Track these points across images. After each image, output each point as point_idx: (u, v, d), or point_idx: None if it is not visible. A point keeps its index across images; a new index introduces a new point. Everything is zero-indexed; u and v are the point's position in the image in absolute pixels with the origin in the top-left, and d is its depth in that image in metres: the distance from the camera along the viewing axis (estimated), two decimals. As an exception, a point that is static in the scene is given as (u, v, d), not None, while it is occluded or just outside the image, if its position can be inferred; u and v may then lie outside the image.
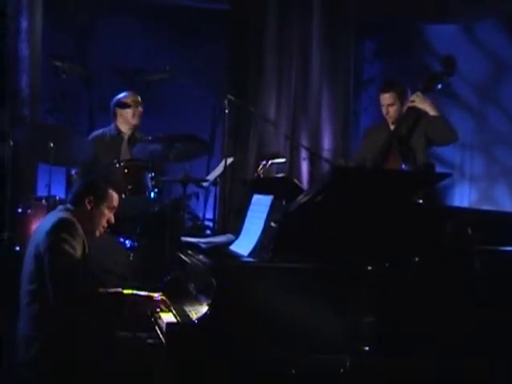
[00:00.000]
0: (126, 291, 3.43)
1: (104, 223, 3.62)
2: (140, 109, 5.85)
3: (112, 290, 3.46)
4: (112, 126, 5.89)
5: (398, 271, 3.20)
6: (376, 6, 7.36)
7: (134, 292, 3.44)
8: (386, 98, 5.23)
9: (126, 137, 5.85)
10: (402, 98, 5.20)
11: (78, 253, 3.36)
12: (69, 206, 3.57)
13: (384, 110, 5.26)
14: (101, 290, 3.43)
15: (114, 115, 5.88)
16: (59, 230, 3.34)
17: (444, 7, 7.40)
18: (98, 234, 3.64)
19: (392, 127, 5.27)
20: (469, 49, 7.62)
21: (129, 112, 5.81)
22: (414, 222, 3.42)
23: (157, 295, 3.43)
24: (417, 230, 3.39)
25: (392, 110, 5.22)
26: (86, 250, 3.48)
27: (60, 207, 3.59)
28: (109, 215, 3.62)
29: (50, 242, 3.31)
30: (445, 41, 7.63)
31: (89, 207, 3.54)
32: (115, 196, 3.64)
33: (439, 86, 5.04)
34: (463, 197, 7.76)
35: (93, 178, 3.73)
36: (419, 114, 5.11)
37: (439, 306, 3.24)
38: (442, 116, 5.09)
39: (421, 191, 3.87)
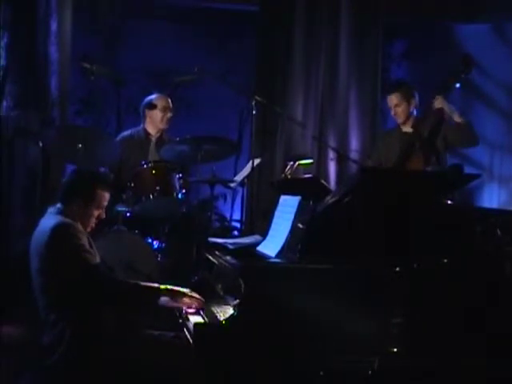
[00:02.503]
0: (162, 286, 3.42)
1: (93, 221, 3.58)
2: (169, 114, 5.84)
3: (148, 284, 3.46)
4: (141, 127, 5.92)
5: (426, 272, 3.18)
6: (404, 7, 7.32)
7: (170, 287, 3.43)
8: (392, 99, 5.31)
9: (153, 139, 5.87)
10: (407, 97, 5.26)
11: (88, 249, 3.36)
12: (59, 206, 3.52)
13: (392, 112, 5.31)
14: (136, 281, 3.44)
15: (144, 116, 5.90)
16: (61, 239, 3.32)
17: (473, 7, 7.34)
18: (89, 229, 3.59)
19: (406, 129, 5.27)
20: (499, 49, 7.54)
21: (158, 115, 5.82)
22: (443, 223, 3.40)
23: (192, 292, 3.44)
24: (445, 231, 3.37)
25: (399, 111, 5.27)
26: (92, 245, 3.49)
27: (51, 210, 3.53)
28: (97, 213, 3.57)
29: (57, 254, 3.29)
30: (474, 41, 7.57)
31: (77, 209, 3.49)
32: (105, 195, 3.58)
33: (457, 85, 5.03)
34: (492, 198, 7.69)
35: (81, 180, 3.61)
36: (439, 115, 5.12)
37: (467, 307, 3.21)
38: (467, 120, 5.09)
39: (450, 192, 3.84)
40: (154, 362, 3.32)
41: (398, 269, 3.11)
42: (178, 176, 5.39)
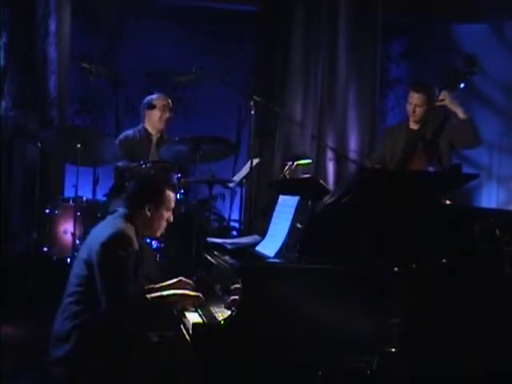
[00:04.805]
0: (165, 292, 3.46)
1: (164, 224, 3.62)
2: (167, 114, 5.83)
3: (153, 295, 3.45)
4: (140, 126, 5.91)
5: (425, 272, 3.18)
6: (403, 6, 7.33)
7: (173, 292, 3.47)
8: (416, 98, 5.24)
9: (154, 139, 5.87)
10: (430, 100, 5.22)
11: (130, 267, 3.36)
12: (127, 211, 3.54)
13: (410, 109, 5.27)
14: (147, 296, 3.43)
15: (143, 116, 5.90)
16: (115, 246, 3.33)
17: (472, 7, 7.35)
18: (159, 233, 3.67)
19: (413, 127, 5.28)
20: (497, 48, 7.55)
21: (156, 115, 5.82)
22: (442, 223, 3.40)
23: (194, 292, 3.46)
24: (444, 232, 3.37)
25: (419, 111, 5.23)
26: (139, 260, 3.50)
27: (120, 212, 3.55)
28: (167, 215, 3.61)
29: (104, 257, 3.31)
30: (472, 40, 7.57)
31: (149, 214, 3.53)
32: (172, 196, 3.61)
33: (462, 86, 5.02)
34: (491, 198, 7.70)
35: (150, 183, 3.65)
36: (446, 116, 5.11)
37: (467, 307, 3.22)
38: (471, 119, 5.08)
39: (448, 192, 3.85)
40: (154, 361, 3.33)
41: (396, 269, 3.11)
42: (176, 176, 5.39)
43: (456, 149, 5.29)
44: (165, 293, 3.46)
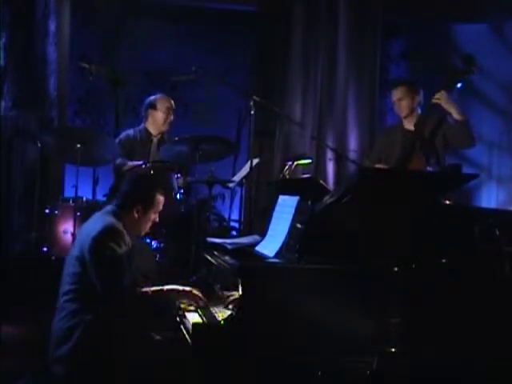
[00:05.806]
0: (166, 287, 3.46)
1: (150, 224, 3.68)
2: (171, 116, 5.86)
3: (154, 288, 3.46)
4: (142, 126, 5.92)
5: (425, 272, 3.18)
6: (403, 6, 7.33)
7: (174, 287, 3.47)
8: (396, 94, 5.34)
9: (155, 139, 5.87)
10: (411, 92, 5.29)
11: (124, 260, 3.39)
12: (116, 208, 3.58)
13: (395, 106, 5.34)
14: (144, 290, 3.44)
15: (145, 116, 5.90)
16: (106, 239, 3.36)
17: (472, 6, 7.35)
18: (143, 233, 3.75)
19: (408, 127, 5.28)
20: (497, 48, 7.55)
21: (160, 117, 5.83)
22: (441, 223, 3.40)
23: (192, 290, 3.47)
24: (444, 232, 3.37)
25: (402, 105, 5.30)
26: (130, 254, 3.51)
27: (108, 208, 3.60)
28: (154, 217, 3.67)
29: (96, 250, 3.34)
30: (473, 40, 7.57)
31: (136, 216, 3.58)
32: (162, 200, 3.67)
33: (459, 85, 5.03)
34: (491, 198, 7.69)
35: (143, 186, 3.69)
36: (442, 115, 5.12)
37: (466, 307, 3.22)
38: (466, 120, 5.08)
39: (448, 192, 3.85)
40: (153, 361, 3.33)
41: (396, 269, 3.11)
42: (176, 176, 5.39)
43: (450, 148, 5.31)
44: (165, 287, 3.46)
